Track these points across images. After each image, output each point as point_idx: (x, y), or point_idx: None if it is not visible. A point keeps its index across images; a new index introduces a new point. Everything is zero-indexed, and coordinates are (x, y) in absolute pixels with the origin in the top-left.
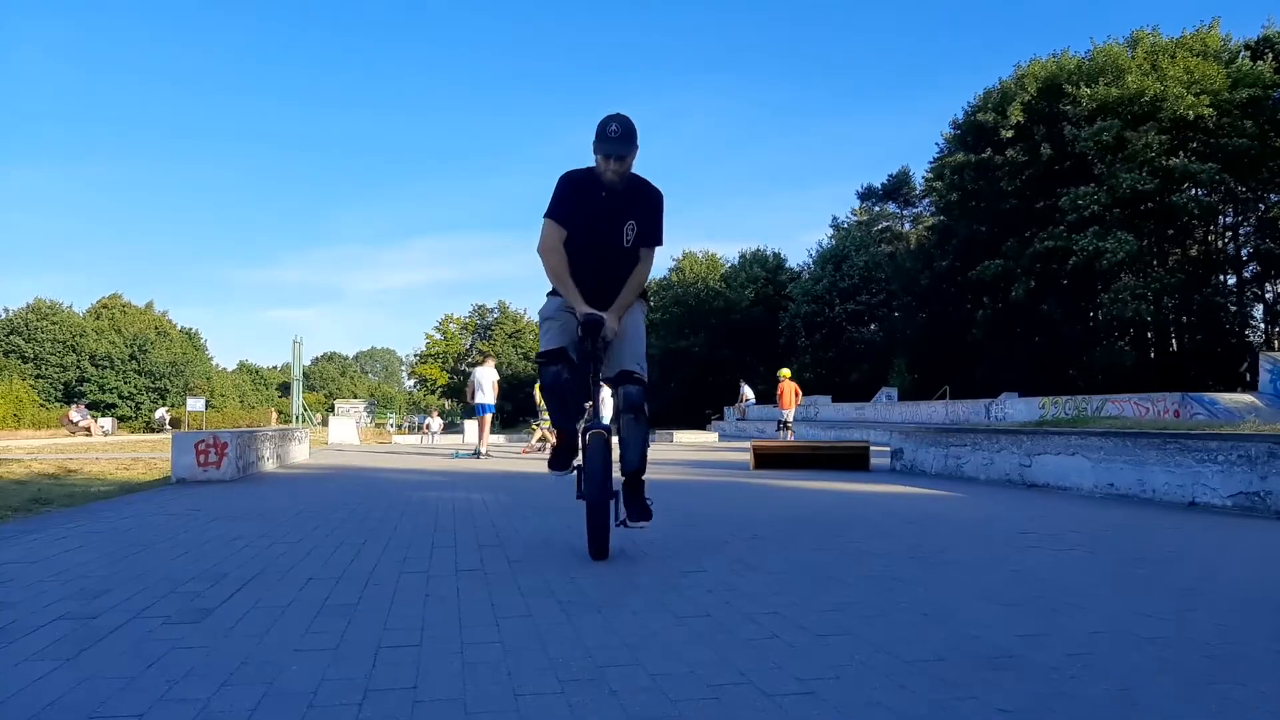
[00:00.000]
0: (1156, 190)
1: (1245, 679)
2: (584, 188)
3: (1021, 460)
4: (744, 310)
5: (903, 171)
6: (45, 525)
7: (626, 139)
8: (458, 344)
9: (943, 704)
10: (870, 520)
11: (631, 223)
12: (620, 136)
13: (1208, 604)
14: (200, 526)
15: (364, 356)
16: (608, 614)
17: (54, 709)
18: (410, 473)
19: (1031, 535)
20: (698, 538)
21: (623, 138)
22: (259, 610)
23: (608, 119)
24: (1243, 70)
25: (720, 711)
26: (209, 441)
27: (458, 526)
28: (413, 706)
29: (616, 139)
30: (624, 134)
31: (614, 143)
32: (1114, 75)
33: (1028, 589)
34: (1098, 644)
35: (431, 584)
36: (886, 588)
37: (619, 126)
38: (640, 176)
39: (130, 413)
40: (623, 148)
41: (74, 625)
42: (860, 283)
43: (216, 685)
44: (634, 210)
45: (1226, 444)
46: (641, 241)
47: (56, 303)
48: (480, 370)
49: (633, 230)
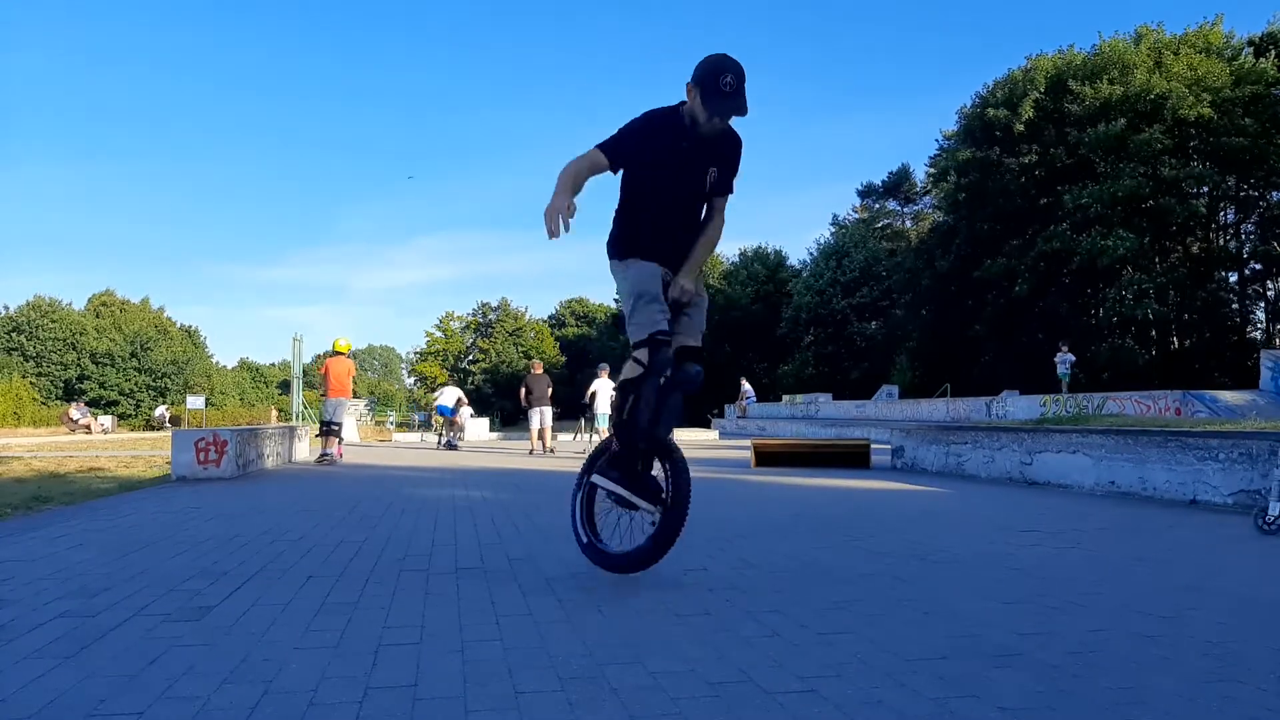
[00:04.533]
0: (1158, 189)
1: (1246, 677)
2: (670, 130)
3: (1022, 458)
4: (744, 308)
5: (903, 169)
6: (45, 523)
7: (741, 94)
8: (458, 342)
9: (944, 702)
10: (871, 518)
11: (714, 170)
12: (735, 92)
13: (1208, 602)
14: (200, 524)
15: (364, 354)
16: (608, 612)
17: (54, 706)
18: (410, 470)
19: (1032, 533)
20: (698, 536)
21: (739, 94)
22: (259, 608)
23: (720, 64)
24: (1245, 67)
25: (721, 710)
26: (209, 439)
27: (458, 524)
28: (413, 704)
29: (732, 95)
30: (739, 89)
31: (730, 100)
32: (1119, 72)
33: (1029, 587)
34: (1099, 642)
35: (432, 582)
36: (888, 586)
37: (734, 79)
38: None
39: (130, 410)
40: (738, 106)
41: (74, 623)
42: (861, 277)
43: (217, 683)
44: (718, 157)
45: (1228, 442)
46: (714, 190)
47: (56, 300)
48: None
49: (714, 177)
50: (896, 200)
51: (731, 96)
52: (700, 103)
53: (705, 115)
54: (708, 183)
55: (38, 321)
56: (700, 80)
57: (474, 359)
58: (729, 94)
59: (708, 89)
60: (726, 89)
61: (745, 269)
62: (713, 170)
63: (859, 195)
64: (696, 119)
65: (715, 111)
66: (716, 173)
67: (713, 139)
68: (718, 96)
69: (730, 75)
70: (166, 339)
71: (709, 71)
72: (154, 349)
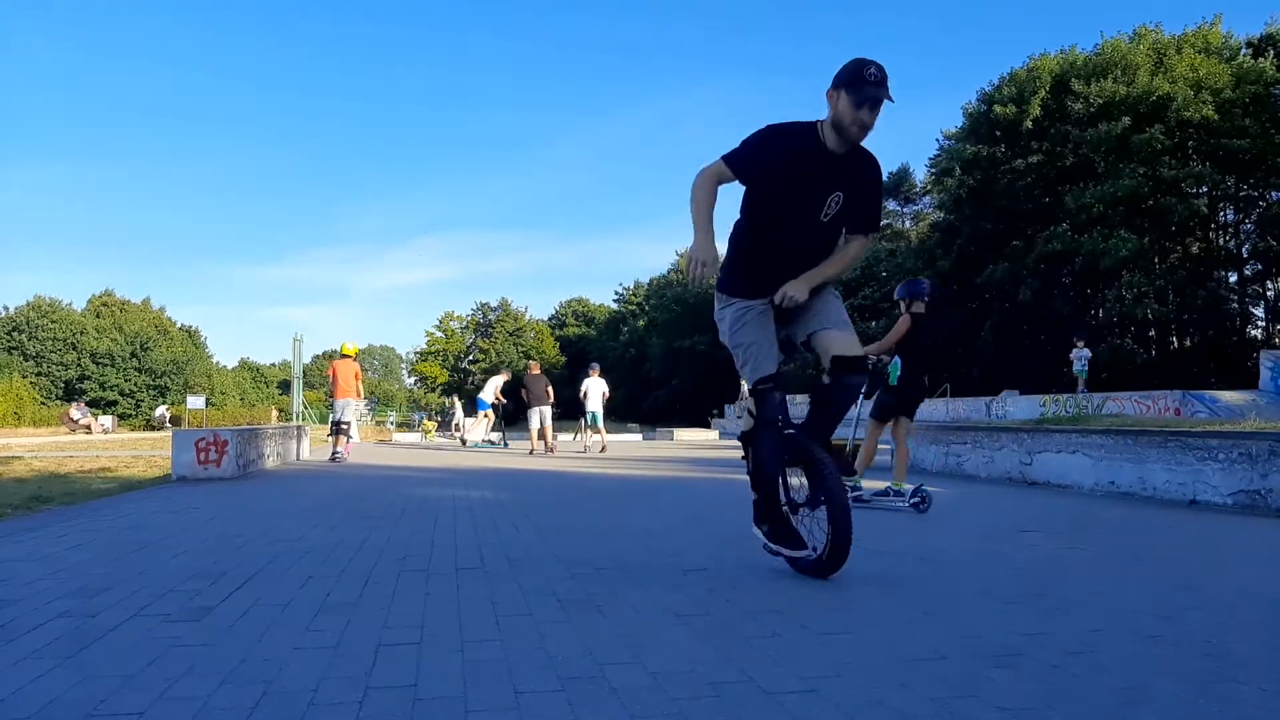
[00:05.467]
0: (1158, 189)
1: (1246, 677)
2: (797, 144)
3: (1022, 458)
4: None
5: (903, 168)
6: (46, 523)
7: (885, 84)
8: (458, 342)
9: (944, 702)
10: (870, 518)
11: (838, 195)
12: (881, 80)
13: (1209, 602)
14: (200, 524)
15: (364, 354)
16: (608, 612)
17: (54, 706)
18: (410, 470)
19: (1032, 533)
20: (699, 536)
21: (883, 82)
22: (259, 608)
23: (863, 61)
24: (1245, 68)
25: (721, 709)
26: (209, 439)
27: (458, 524)
28: (413, 704)
29: (875, 83)
30: (884, 78)
31: (874, 86)
32: (1121, 71)
33: (1029, 587)
34: (1099, 642)
35: (431, 582)
36: (888, 586)
37: (878, 70)
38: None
39: (130, 410)
40: (881, 93)
41: (74, 623)
42: (862, 278)
43: (216, 683)
44: (845, 181)
45: (1227, 442)
46: (853, 225)
47: (57, 300)
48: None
49: (837, 204)
50: (896, 200)
51: (877, 85)
52: (846, 99)
53: (852, 109)
54: (828, 207)
55: (38, 321)
56: (843, 79)
57: (474, 359)
58: (875, 81)
59: (852, 81)
60: (872, 78)
61: None
62: (837, 194)
63: None
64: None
65: (858, 96)
66: (842, 198)
67: (844, 160)
68: (864, 85)
69: (874, 68)
70: (166, 339)
71: (853, 68)
72: (154, 349)
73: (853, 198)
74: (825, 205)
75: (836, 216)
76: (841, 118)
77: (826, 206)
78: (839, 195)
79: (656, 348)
